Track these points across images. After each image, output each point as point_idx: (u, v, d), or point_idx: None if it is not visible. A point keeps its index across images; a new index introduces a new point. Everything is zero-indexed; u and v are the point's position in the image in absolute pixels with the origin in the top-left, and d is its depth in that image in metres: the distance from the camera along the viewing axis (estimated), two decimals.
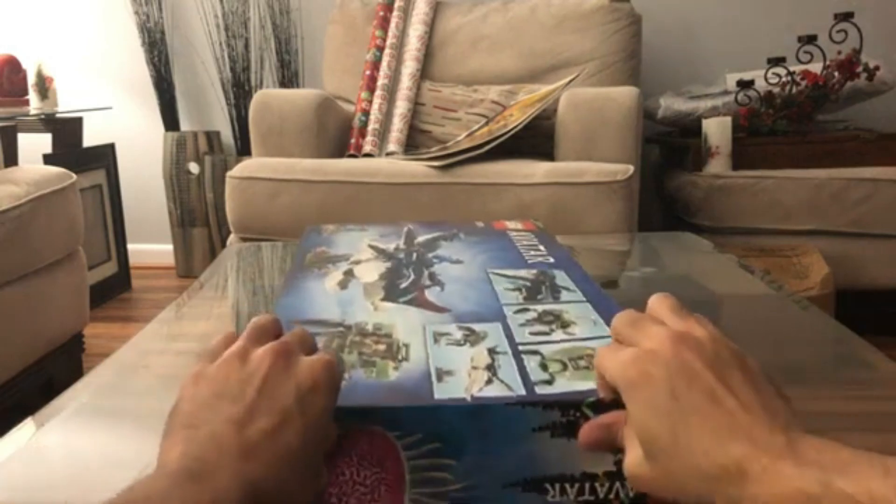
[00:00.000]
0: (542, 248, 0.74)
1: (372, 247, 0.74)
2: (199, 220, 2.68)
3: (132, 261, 2.64)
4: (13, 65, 2.43)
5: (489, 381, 0.43)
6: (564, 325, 0.52)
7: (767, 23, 2.47)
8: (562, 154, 1.87)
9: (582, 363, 0.46)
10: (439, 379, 0.43)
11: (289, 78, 2.66)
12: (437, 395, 0.41)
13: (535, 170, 1.73)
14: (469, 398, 0.41)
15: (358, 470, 0.39)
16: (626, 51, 2.23)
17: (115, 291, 2.50)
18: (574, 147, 1.84)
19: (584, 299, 0.58)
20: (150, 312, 2.28)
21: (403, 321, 0.53)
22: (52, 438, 0.57)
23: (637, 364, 0.35)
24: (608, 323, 0.51)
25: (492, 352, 0.48)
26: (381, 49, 2.24)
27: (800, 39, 2.02)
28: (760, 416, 0.31)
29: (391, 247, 0.74)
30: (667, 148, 2.36)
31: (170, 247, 2.76)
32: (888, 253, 1.93)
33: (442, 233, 0.80)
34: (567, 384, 0.43)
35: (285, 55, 2.65)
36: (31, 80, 2.37)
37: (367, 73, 2.20)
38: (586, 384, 0.42)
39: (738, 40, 2.50)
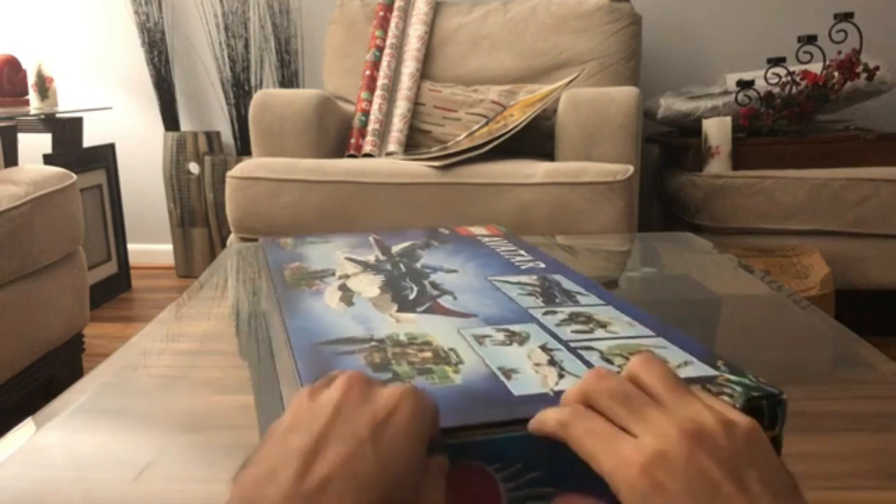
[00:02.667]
0: (524, 253, 0.72)
1: (350, 259, 0.70)
2: (199, 220, 2.68)
3: (132, 261, 2.64)
4: (13, 65, 2.43)
5: (561, 376, 0.41)
6: (602, 325, 0.50)
7: (767, 23, 2.47)
8: (562, 154, 1.87)
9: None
10: (507, 378, 0.41)
11: (289, 78, 2.66)
12: (514, 392, 0.39)
13: (535, 170, 1.73)
14: (550, 392, 0.39)
15: None
16: (626, 51, 2.23)
17: (115, 291, 2.50)
18: (574, 147, 1.84)
19: (603, 302, 0.55)
20: (150, 312, 2.28)
21: (435, 329, 0.50)
22: (52, 438, 0.57)
23: (648, 472, 0.31)
24: (643, 324, 0.50)
25: (545, 349, 0.45)
26: (381, 49, 2.24)
27: (800, 39, 2.03)
28: None
29: (370, 258, 0.70)
30: (667, 148, 2.36)
31: (170, 247, 2.76)
32: (888, 253, 1.93)
33: (413, 241, 0.77)
34: None
35: (285, 55, 2.65)
36: (31, 80, 2.37)
37: (367, 73, 2.20)
38: None
39: (738, 40, 2.50)
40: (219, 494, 0.31)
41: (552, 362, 0.43)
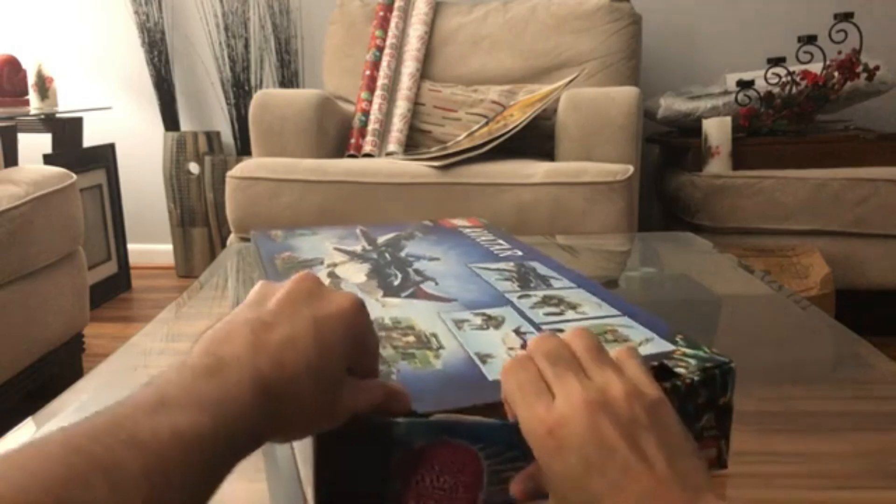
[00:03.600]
0: (502, 242, 0.75)
1: (339, 249, 0.73)
2: (199, 220, 2.68)
3: (132, 261, 2.64)
4: (13, 65, 2.43)
5: None
6: (572, 307, 0.53)
7: (767, 23, 2.47)
8: (562, 154, 1.87)
9: (610, 337, 0.47)
10: (483, 362, 0.44)
11: (289, 78, 2.66)
12: (489, 377, 0.42)
13: (535, 170, 1.73)
14: None
15: (438, 477, 0.39)
16: (626, 51, 2.23)
17: (115, 291, 2.50)
18: (574, 147, 1.84)
19: (574, 285, 0.59)
20: (150, 312, 2.28)
21: (417, 313, 0.53)
22: None
23: (553, 434, 0.34)
24: (610, 304, 0.53)
25: (518, 332, 0.48)
26: (381, 49, 2.24)
27: (800, 39, 2.02)
28: (674, 486, 0.32)
29: (357, 248, 0.73)
30: (667, 148, 2.36)
31: (170, 247, 2.76)
32: (888, 253, 1.93)
33: (398, 232, 0.80)
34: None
35: (285, 55, 2.65)
36: (31, 80, 2.37)
37: (367, 73, 2.20)
38: None
39: (738, 40, 2.50)
40: (218, 494, 0.31)
41: (524, 346, 0.46)
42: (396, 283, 0.61)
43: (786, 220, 1.96)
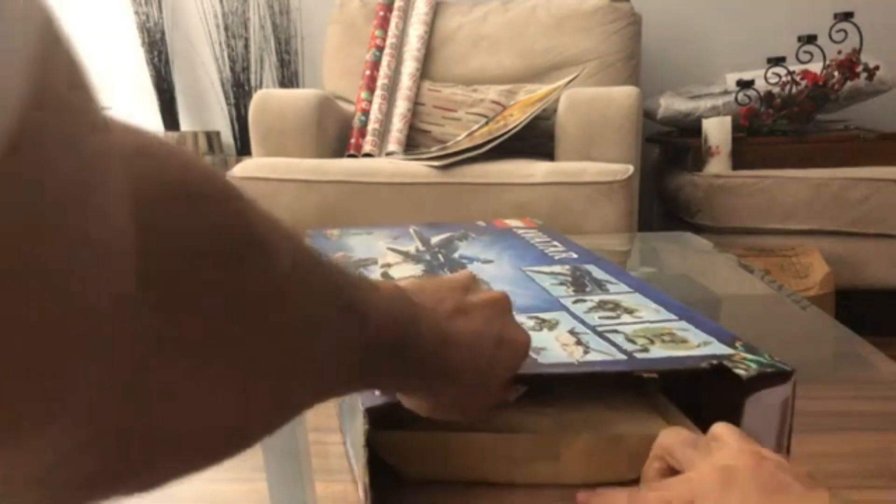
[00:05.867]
0: (556, 244, 0.74)
1: (392, 249, 0.73)
2: None
3: None
4: None
5: (587, 352, 0.45)
6: (629, 311, 0.53)
7: (767, 23, 2.47)
8: (562, 154, 1.87)
9: (667, 339, 0.46)
10: (536, 354, 0.44)
11: (289, 78, 2.66)
12: (541, 362, 0.43)
13: (535, 170, 1.73)
14: (576, 362, 0.43)
15: None
16: (626, 51, 2.23)
17: None
18: (574, 147, 1.84)
19: (632, 290, 0.58)
20: None
21: None
22: None
23: (724, 470, 0.35)
24: (668, 309, 0.53)
25: (573, 333, 0.48)
26: (381, 49, 2.24)
27: (800, 39, 2.02)
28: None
29: (411, 249, 0.73)
30: (667, 148, 2.36)
31: None
32: (888, 253, 1.93)
33: (452, 233, 0.79)
34: (662, 352, 0.44)
35: (285, 55, 2.65)
36: None
37: (367, 73, 2.20)
38: (683, 351, 0.44)
39: (738, 40, 2.50)
40: (219, 494, 0.31)
41: (579, 343, 0.46)
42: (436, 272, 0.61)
43: (786, 220, 1.96)
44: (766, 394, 0.41)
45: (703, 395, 0.44)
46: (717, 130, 2.01)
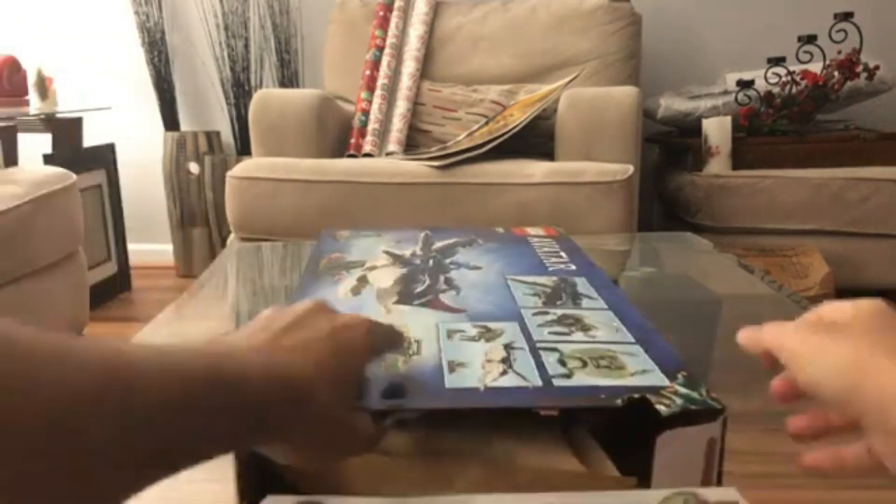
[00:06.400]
0: (563, 255, 0.72)
1: (388, 253, 0.72)
2: (199, 220, 2.68)
3: (132, 261, 2.64)
4: (13, 65, 2.43)
5: (504, 373, 0.43)
6: (585, 329, 0.51)
7: (767, 23, 2.47)
8: (562, 154, 1.87)
9: (603, 363, 0.44)
10: (451, 370, 0.43)
11: (289, 78, 2.66)
12: (448, 385, 0.41)
13: (535, 170, 1.73)
14: (482, 388, 0.41)
15: None
16: (625, 51, 2.23)
17: (115, 291, 2.49)
18: (574, 147, 1.84)
19: (606, 307, 0.56)
20: (150, 312, 2.27)
21: (416, 321, 0.52)
22: None
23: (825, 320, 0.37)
24: (630, 331, 0.50)
25: (508, 347, 0.47)
26: (381, 49, 2.24)
27: (800, 39, 2.02)
28: None
29: (407, 252, 0.72)
30: (667, 148, 2.36)
31: (170, 247, 2.76)
32: (888, 253, 1.93)
33: (459, 238, 0.78)
34: (586, 380, 0.42)
35: (285, 55, 2.65)
36: (31, 80, 2.37)
37: (367, 73, 2.20)
38: (610, 380, 0.42)
39: (738, 40, 2.50)
40: (218, 493, 0.31)
41: (504, 360, 0.45)
42: (418, 290, 0.60)
43: (786, 219, 1.96)
44: (689, 432, 0.38)
45: (630, 427, 0.41)
46: (717, 130, 2.01)
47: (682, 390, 0.41)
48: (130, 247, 2.61)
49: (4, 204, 1.42)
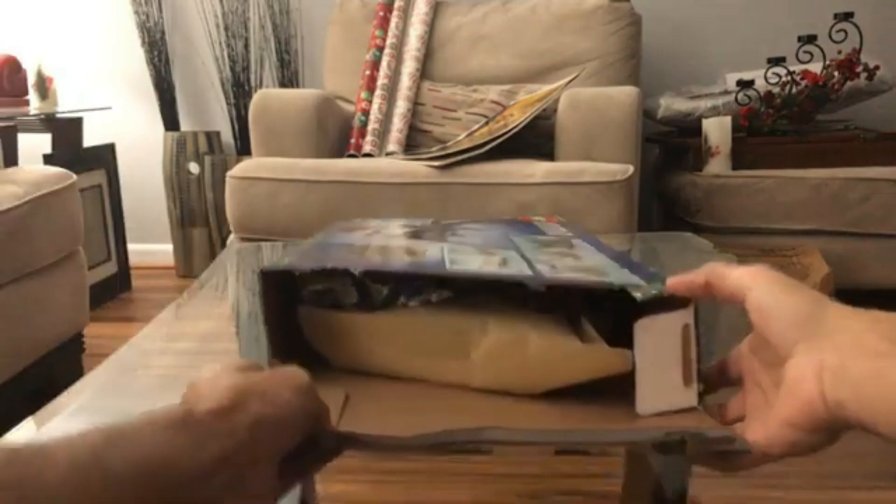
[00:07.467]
0: (563, 229, 0.74)
1: (399, 223, 0.75)
2: (199, 220, 2.68)
3: (132, 261, 2.64)
4: (13, 65, 2.43)
5: (502, 265, 0.48)
6: (577, 258, 0.54)
7: (767, 23, 2.47)
8: (562, 154, 1.87)
9: (591, 274, 0.48)
10: (452, 263, 0.49)
11: (289, 78, 2.66)
12: (448, 267, 0.47)
13: (534, 170, 1.73)
14: (480, 269, 0.47)
15: None
16: (625, 51, 2.23)
17: (115, 291, 2.50)
18: (574, 147, 1.84)
19: (601, 253, 0.58)
20: (150, 312, 2.28)
21: (423, 247, 0.56)
22: None
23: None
24: (609, 257, 0.54)
25: (504, 259, 0.51)
26: (381, 49, 2.24)
27: (800, 39, 2.02)
28: None
29: (417, 223, 0.75)
30: (667, 148, 2.36)
31: (170, 247, 2.76)
32: (888, 253, 1.93)
33: (468, 220, 0.81)
34: (574, 275, 0.46)
35: (285, 55, 2.65)
36: (31, 80, 2.37)
37: (367, 73, 2.20)
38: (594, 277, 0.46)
39: (738, 40, 2.50)
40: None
41: (502, 263, 0.49)
42: (426, 234, 0.63)
43: (786, 219, 1.96)
44: (663, 318, 0.41)
45: (616, 325, 0.45)
46: (717, 130, 2.01)
47: (657, 284, 0.44)
48: (130, 247, 2.61)
49: (4, 204, 1.42)
